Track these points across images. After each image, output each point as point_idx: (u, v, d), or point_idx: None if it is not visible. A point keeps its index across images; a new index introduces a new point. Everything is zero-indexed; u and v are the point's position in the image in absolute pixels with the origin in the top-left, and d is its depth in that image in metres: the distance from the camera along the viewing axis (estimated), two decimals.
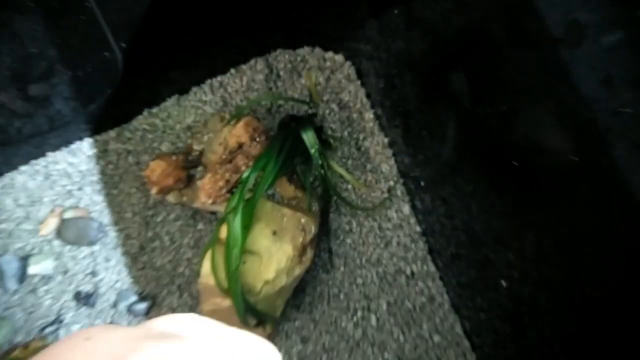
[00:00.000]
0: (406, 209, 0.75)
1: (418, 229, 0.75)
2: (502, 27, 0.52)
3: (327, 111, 0.73)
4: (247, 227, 0.58)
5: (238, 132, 0.63)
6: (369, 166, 0.74)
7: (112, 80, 0.63)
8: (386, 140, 0.74)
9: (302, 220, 0.65)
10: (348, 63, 0.74)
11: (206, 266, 0.62)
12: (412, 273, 0.75)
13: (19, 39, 0.66)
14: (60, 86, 0.68)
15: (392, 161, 0.74)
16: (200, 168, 0.71)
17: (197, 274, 0.65)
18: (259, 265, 0.63)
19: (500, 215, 0.66)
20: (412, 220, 0.75)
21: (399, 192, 0.75)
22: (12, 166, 0.72)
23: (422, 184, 0.74)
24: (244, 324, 0.61)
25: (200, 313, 0.70)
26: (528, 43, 0.48)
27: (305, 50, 0.75)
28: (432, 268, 0.76)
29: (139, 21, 0.62)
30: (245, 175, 0.59)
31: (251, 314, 0.61)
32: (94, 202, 0.75)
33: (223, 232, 0.61)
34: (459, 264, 0.75)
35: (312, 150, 0.66)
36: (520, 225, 0.63)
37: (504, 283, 0.63)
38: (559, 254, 0.57)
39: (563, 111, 0.48)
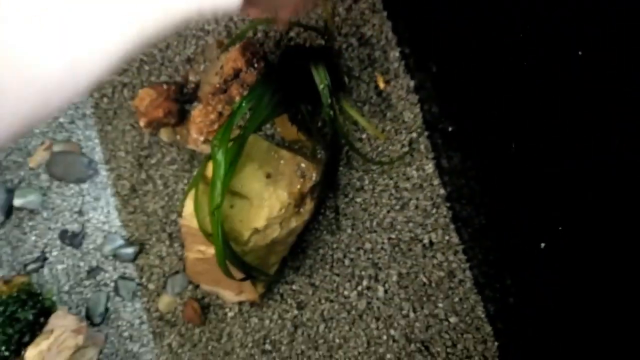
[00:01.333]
0: (429, 167, 0.64)
1: (442, 191, 0.64)
2: None
3: (345, 46, 0.63)
4: (234, 162, 0.50)
5: (233, 56, 0.54)
6: (389, 114, 0.64)
7: None
8: (412, 83, 0.63)
9: (302, 165, 0.56)
10: None
11: (189, 206, 0.55)
12: (431, 242, 0.64)
13: None
14: None
15: (417, 109, 0.63)
16: (195, 103, 0.63)
17: (180, 214, 0.58)
18: (248, 211, 0.55)
19: (542, 184, 0.54)
20: (436, 181, 0.64)
21: (422, 147, 0.64)
22: None
23: (453, 140, 0.63)
24: (227, 276, 0.53)
25: (185, 261, 0.63)
26: None
27: None
28: (455, 239, 0.65)
29: None
30: (236, 103, 0.51)
31: (237, 265, 0.53)
32: (86, 137, 0.69)
33: (209, 169, 0.53)
34: (488, 237, 0.64)
35: (321, 86, 0.57)
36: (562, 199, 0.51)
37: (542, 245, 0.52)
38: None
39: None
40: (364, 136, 0.64)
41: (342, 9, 0.64)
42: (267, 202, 0.54)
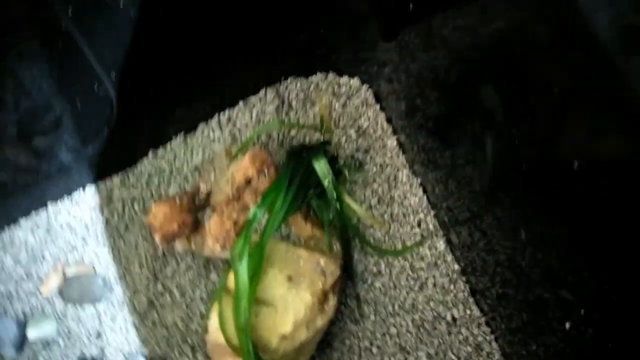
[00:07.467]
0: (441, 244, 0.66)
1: (456, 267, 0.65)
2: (539, 32, 0.45)
3: (344, 138, 0.67)
4: (256, 274, 0.50)
5: (244, 166, 0.57)
6: (396, 197, 0.66)
7: (109, 120, 0.59)
8: (413, 168, 0.66)
9: (322, 262, 0.57)
10: (365, 87, 0.68)
11: (214, 321, 0.55)
12: (454, 319, 0.64)
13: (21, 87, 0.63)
14: (63, 134, 0.65)
15: (420, 191, 0.66)
16: (208, 210, 0.65)
17: (205, 330, 0.57)
18: (274, 318, 0.54)
19: (551, 246, 0.56)
20: (449, 257, 0.66)
21: (430, 226, 0.66)
22: (12, 219, 0.68)
23: (458, 217, 0.66)
24: None
25: None
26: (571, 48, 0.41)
27: (318, 77, 0.70)
28: (477, 312, 0.65)
29: (135, 58, 0.58)
30: (251, 213, 0.52)
31: None
32: (98, 256, 0.70)
33: (231, 280, 0.54)
34: (507, 306, 0.65)
35: (325, 182, 0.59)
36: (575, 257, 0.53)
37: (567, 326, 0.52)
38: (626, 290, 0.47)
39: (620, 120, 0.40)
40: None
41: (338, 105, 0.68)
42: (292, 305, 0.55)
